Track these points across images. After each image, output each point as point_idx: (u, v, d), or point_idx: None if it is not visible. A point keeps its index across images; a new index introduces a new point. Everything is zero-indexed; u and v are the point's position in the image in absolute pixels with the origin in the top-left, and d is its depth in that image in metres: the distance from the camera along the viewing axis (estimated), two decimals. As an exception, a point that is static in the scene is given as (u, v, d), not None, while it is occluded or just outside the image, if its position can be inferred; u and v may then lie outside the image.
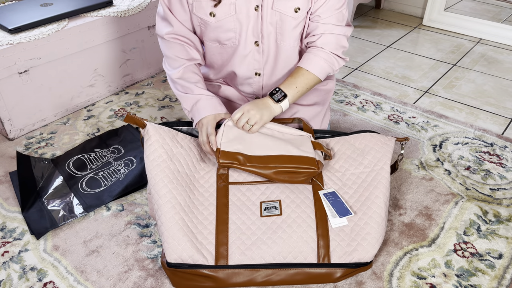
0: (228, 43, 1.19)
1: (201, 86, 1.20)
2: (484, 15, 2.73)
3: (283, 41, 1.17)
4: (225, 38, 1.18)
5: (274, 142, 1.14)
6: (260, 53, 1.19)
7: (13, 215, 1.29)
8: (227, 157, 1.09)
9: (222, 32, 1.16)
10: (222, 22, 1.14)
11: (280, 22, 1.13)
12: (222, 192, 1.11)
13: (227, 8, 1.12)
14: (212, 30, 1.17)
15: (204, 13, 1.14)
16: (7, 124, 1.57)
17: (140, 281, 1.09)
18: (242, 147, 1.11)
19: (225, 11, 1.12)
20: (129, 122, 1.09)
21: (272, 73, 1.24)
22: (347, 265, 1.05)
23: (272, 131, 1.18)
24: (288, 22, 1.13)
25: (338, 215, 1.08)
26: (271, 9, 1.11)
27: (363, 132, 1.24)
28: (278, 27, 1.14)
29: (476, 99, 1.87)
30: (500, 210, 1.30)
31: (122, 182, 1.37)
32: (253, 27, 1.14)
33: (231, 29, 1.15)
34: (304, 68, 1.17)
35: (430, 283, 1.08)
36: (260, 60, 1.20)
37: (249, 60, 1.21)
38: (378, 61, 2.21)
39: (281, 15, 1.12)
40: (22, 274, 1.12)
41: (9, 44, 1.48)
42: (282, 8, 1.11)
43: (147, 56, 1.97)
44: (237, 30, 1.15)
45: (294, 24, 1.14)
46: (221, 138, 1.12)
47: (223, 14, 1.13)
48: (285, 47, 1.18)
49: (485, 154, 1.52)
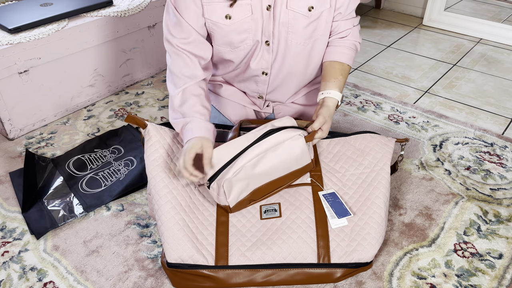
0: (241, 45, 1.15)
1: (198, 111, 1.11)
2: (484, 15, 2.73)
3: (294, 40, 1.15)
4: (239, 40, 1.14)
5: (275, 165, 1.08)
6: (270, 53, 1.17)
7: (13, 215, 1.29)
8: (239, 207, 1.09)
9: (237, 34, 1.13)
10: (238, 24, 1.11)
11: (293, 21, 1.12)
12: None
13: (243, 9, 1.09)
14: (225, 33, 1.13)
15: (218, 17, 1.10)
16: (7, 124, 1.57)
17: (140, 281, 1.09)
18: (247, 184, 1.06)
19: (242, 12, 1.09)
20: (130, 122, 1.09)
21: (279, 71, 1.23)
22: (347, 265, 1.05)
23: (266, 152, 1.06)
24: (301, 21, 1.12)
25: (337, 216, 1.08)
26: (285, 8, 1.10)
27: (363, 133, 1.24)
28: (290, 26, 1.13)
29: (476, 99, 1.87)
30: (500, 210, 1.30)
31: (122, 182, 1.37)
32: (265, 27, 1.13)
33: (247, 29, 1.12)
34: (340, 61, 1.21)
35: (430, 283, 1.08)
36: (269, 59, 1.19)
37: (258, 60, 1.19)
38: (378, 61, 2.21)
39: (294, 13, 1.11)
40: (22, 274, 1.12)
41: (9, 44, 1.48)
42: (295, 7, 1.10)
43: (147, 56, 1.97)
44: (252, 30, 1.12)
45: (306, 23, 1.13)
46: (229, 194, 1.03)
47: (240, 15, 1.10)
48: (294, 46, 1.17)
49: (485, 154, 1.52)
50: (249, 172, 1.03)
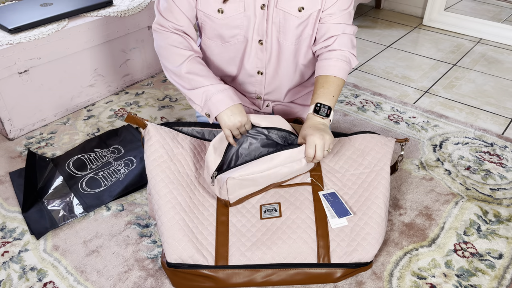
0: (232, 40, 1.18)
1: (212, 77, 1.14)
2: (484, 15, 2.73)
3: (286, 40, 1.17)
4: (230, 35, 1.16)
5: (279, 175, 1.11)
6: (264, 52, 1.19)
7: (13, 215, 1.29)
8: (238, 203, 1.11)
9: (228, 29, 1.15)
10: (230, 19, 1.13)
11: (283, 21, 1.14)
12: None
13: (236, 5, 1.11)
14: (216, 26, 1.15)
15: (211, 9, 1.12)
16: (7, 124, 1.57)
17: (140, 281, 1.09)
18: (250, 188, 1.09)
19: (235, 8, 1.12)
20: (130, 122, 1.09)
21: (275, 72, 1.24)
22: (347, 265, 1.05)
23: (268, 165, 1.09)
24: (292, 21, 1.14)
25: (337, 216, 1.08)
26: (275, 7, 1.12)
27: (363, 133, 1.24)
28: (281, 25, 1.14)
29: (476, 99, 1.87)
30: (500, 210, 1.30)
31: (122, 182, 1.37)
32: (258, 26, 1.14)
33: (238, 25, 1.14)
34: (331, 75, 1.15)
35: (430, 283, 1.08)
36: (263, 59, 1.20)
37: (252, 59, 1.21)
38: (378, 61, 2.21)
39: (284, 13, 1.13)
40: (22, 274, 1.12)
41: (9, 44, 1.48)
42: (286, 7, 1.12)
43: (147, 56, 1.97)
44: (244, 27, 1.15)
45: (297, 23, 1.14)
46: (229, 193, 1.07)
47: (232, 11, 1.12)
48: (287, 46, 1.18)
49: (485, 154, 1.52)
50: (255, 180, 1.06)
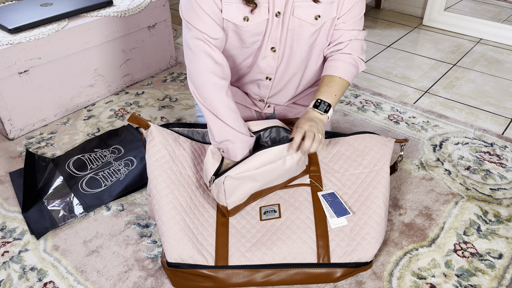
0: (251, 46, 1.16)
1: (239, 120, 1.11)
2: (484, 15, 2.73)
3: (298, 47, 1.16)
4: (250, 41, 1.15)
5: (275, 174, 1.10)
6: (276, 59, 1.18)
7: (13, 215, 1.29)
8: (236, 211, 1.09)
9: (250, 36, 1.13)
10: (254, 26, 1.11)
11: (298, 28, 1.13)
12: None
13: (262, 12, 1.09)
14: (240, 33, 1.13)
15: (237, 18, 1.10)
16: (7, 124, 1.57)
17: (140, 281, 1.09)
18: (247, 188, 1.07)
19: (260, 15, 1.10)
20: (133, 123, 1.09)
21: (282, 77, 1.23)
22: (347, 265, 1.05)
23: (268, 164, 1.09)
24: (307, 28, 1.13)
25: (336, 215, 1.08)
26: (291, 15, 1.11)
27: (362, 133, 1.24)
28: (296, 33, 1.13)
29: (476, 99, 1.87)
30: (500, 210, 1.30)
31: (122, 182, 1.37)
32: (272, 33, 1.13)
33: (259, 32, 1.13)
34: (337, 76, 1.16)
35: (430, 283, 1.08)
36: (273, 65, 1.19)
37: (263, 66, 1.20)
38: (378, 61, 2.21)
39: (300, 21, 1.12)
40: (22, 274, 1.12)
41: (9, 44, 1.48)
42: (302, 15, 1.11)
43: (147, 56, 1.97)
44: (263, 34, 1.13)
45: (312, 31, 1.14)
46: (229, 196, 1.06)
47: (258, 18, 1.10)
48: (299, 53, 1.18)
49: (485, 154, 1.52)
50: (252, 177, 1.05)
